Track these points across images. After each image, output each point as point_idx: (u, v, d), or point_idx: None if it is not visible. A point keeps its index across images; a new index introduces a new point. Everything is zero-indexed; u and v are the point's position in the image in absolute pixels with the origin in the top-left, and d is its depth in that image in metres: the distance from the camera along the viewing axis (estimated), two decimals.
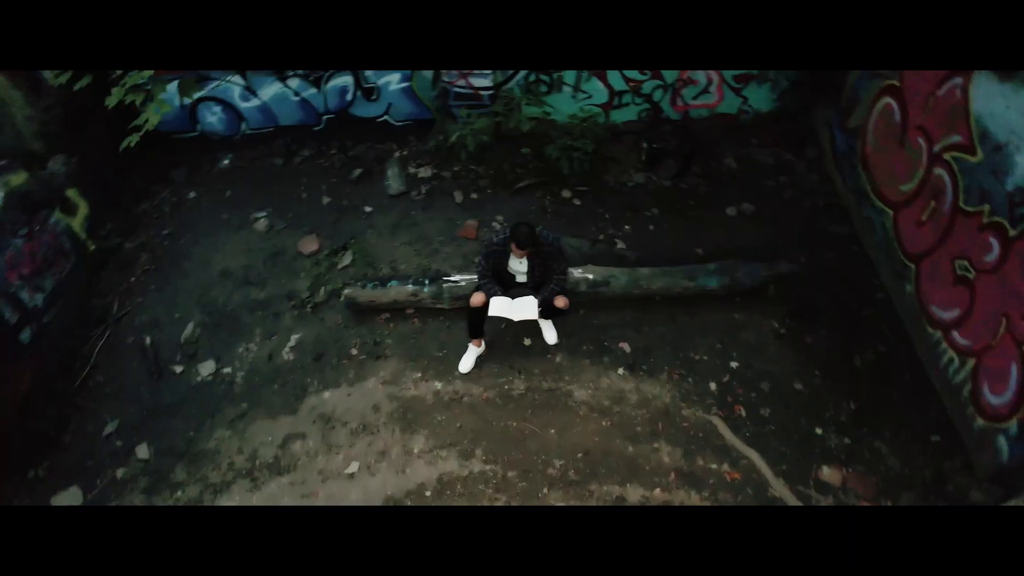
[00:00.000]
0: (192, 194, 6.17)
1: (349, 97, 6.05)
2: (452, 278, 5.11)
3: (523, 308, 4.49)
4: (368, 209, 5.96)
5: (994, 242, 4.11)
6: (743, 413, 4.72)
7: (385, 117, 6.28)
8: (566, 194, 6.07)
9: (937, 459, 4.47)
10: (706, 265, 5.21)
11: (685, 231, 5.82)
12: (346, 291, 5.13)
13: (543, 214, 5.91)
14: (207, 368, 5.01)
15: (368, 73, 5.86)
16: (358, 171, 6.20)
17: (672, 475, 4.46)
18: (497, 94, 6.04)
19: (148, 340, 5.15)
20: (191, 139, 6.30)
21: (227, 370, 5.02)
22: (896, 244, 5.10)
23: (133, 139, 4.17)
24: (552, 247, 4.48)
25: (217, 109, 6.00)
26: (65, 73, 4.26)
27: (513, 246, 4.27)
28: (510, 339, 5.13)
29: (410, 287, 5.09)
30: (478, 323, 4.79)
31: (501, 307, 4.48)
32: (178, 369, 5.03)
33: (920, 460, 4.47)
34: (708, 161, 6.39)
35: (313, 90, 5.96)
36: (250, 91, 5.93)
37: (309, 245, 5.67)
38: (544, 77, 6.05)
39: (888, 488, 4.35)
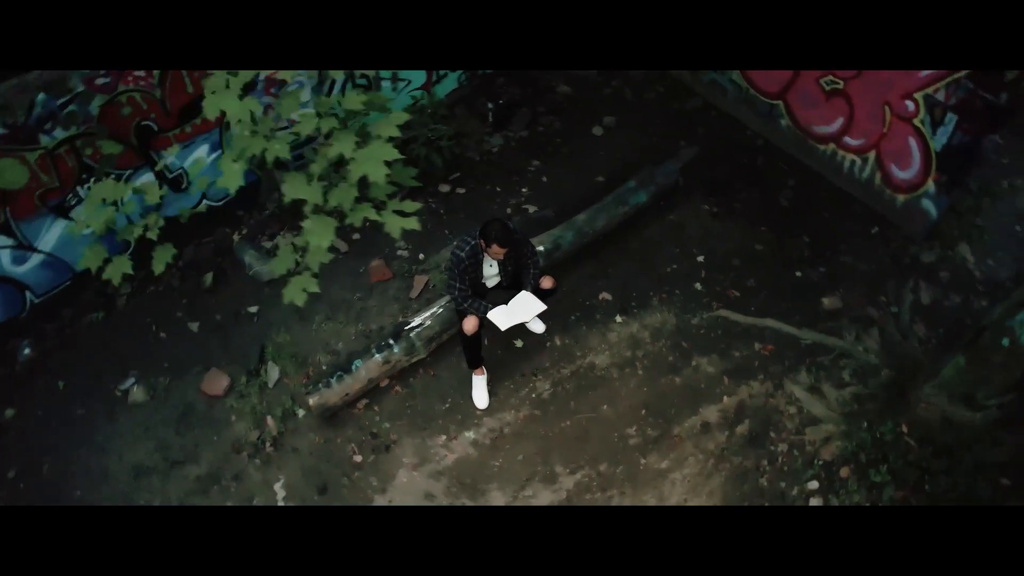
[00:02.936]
0: (9, 412, 4.96)
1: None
2: (415, 322, 4.92)
3: (526, 307, 4.53)
4: (253, 310, 5.37)
5: None
6: (737, 294, 5.39)
7: (204, 203, 5.61)
8: (444, 188, 6.08)
9: (885, 245, 5.60)
10: (626, 184, 5.70)
11: (574, 167, 6.24)
12: (310, 401, 4.67)
13: (437, 219, 5.88)
14: None
15: (170, 159, 5.17)
16: (208, 276, 5.50)
17: (725, 379, 4.99)
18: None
19: None
20: None
21: None
22: (754, 92, 6.08)
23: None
24: (518, 234, 4.56)
25: None
26: None
27: (494, 247, 4.25)
28: (501, 351, 5.15)
29: (379, 357, 4.79)
30: (476, 350, 4.74)
31: (506, 318, 4.47)
32: None
33: (876, 253, 5.57)
34: (544, 97, 6.84)
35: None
36: (25, 248, 4.88)
37: (217, 383, 4.97)
38: (360, 81, 5.89)
39: (873, 288, 5.37)
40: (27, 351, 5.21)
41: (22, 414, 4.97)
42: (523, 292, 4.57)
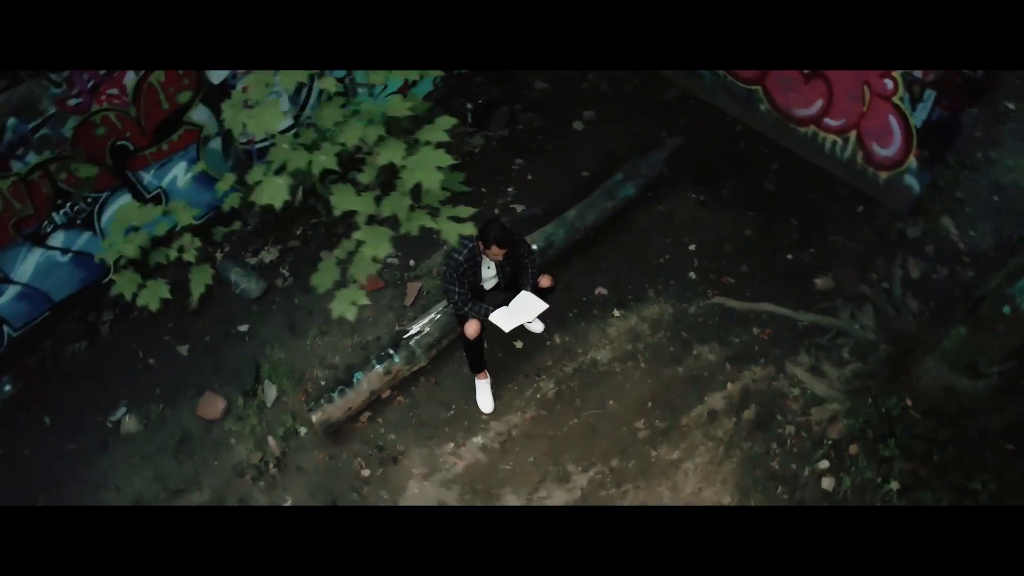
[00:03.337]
0: None
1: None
2: (413, 330, 4.88)
3: (527, 306, 4.52)
4: (243, 328, 5.27)
5: None
6: (731, 280, 5.46)
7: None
8: None
9: (871, 223, 5.72)
10: (614, 177, 5.73)
11: (557, 164, 6.24)
12: (313, 418, 4.60)
13: None
14: None
15: (147, 178, 5.05)
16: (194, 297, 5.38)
17: (727, 366, 5.05)
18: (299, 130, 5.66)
19: None
20: None
21: None
22: (731, 78, 6.16)
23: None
24: (515, 234, 4.56)
25: None
26: None
27: (494, 248, 4.24)
28: (502, 354, 5.14)
29: (379, 368, 4.74)
30: (479, 354, 4.73)
31: (508, 319, 4.46)
32: None
33: (863, 231, 5.68)
34: (522, 94, 6.83)
35: (87, 234, 4.95)
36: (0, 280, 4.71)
37: (213, 406, 4.87)
38: (339, 87, 5.80)
39: (863, 266, 5.48)
40: (8, 388, 5.05)
41: (9, 454, 4.82)
42: (523, 292, 4.56)
